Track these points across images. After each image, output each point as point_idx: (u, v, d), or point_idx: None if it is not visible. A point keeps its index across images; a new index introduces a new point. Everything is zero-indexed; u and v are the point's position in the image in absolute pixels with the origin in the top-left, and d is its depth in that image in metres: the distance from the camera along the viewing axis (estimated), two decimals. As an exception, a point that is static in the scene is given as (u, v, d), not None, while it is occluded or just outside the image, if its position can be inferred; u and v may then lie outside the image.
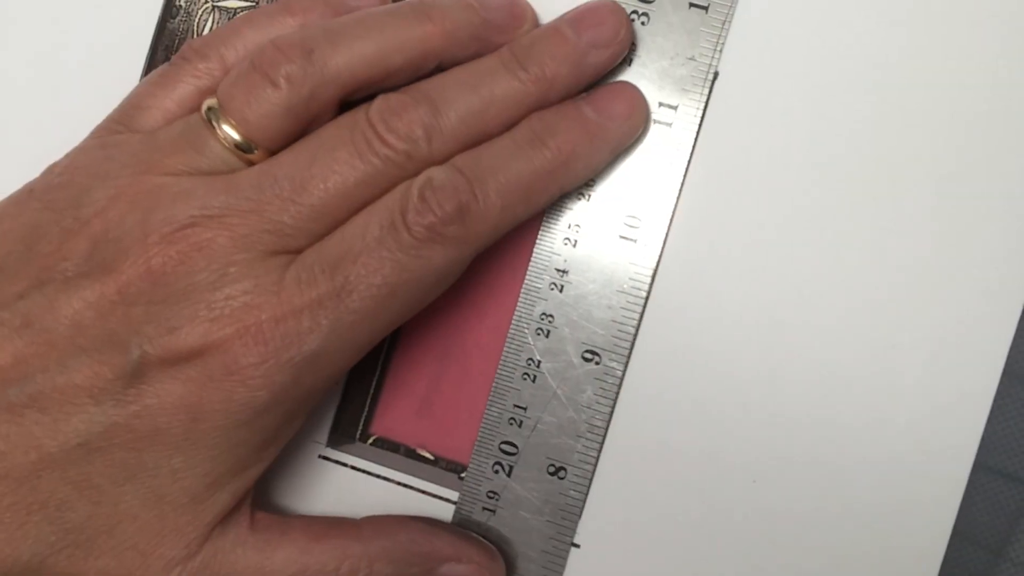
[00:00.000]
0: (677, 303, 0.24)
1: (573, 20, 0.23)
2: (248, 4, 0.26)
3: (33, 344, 0.20)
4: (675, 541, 0.24)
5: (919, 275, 0.23)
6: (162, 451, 0.20)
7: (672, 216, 0.24)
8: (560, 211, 0.24)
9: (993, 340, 0.23)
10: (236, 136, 0.21)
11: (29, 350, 0.20)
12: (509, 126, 0.22)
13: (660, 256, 0.24)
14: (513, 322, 0.24)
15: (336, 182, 0.21)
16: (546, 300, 0.24)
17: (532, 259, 0.24)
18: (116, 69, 0.26)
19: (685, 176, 0.24)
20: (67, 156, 0.22)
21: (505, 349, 0.24)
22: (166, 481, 0.20)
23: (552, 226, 0.24)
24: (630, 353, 0.24)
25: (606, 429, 0.24)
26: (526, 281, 0.24)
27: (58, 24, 0.26)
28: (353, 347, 0.21)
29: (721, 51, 0.24)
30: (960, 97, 0.23)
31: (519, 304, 0.24)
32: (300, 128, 0.21)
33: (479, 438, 0.24)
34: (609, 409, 0.24)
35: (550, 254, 0.24)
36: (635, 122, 0.23)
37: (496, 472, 0.24)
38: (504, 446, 0.24)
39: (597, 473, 0.24)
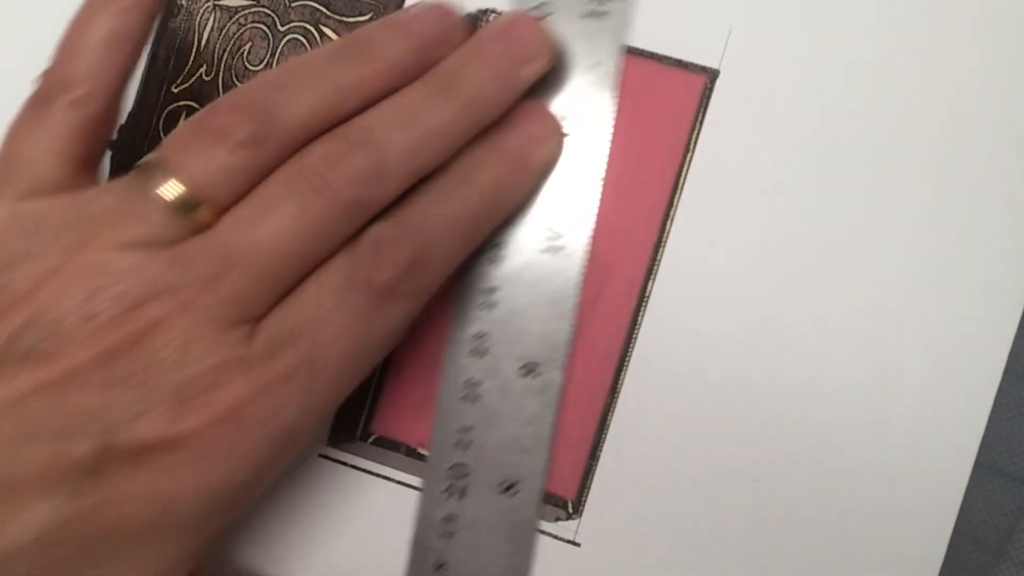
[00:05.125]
0: (676, 303, 0.24)
1: (496, 37, 0.22)
2: (249, 3, 0.26)
3: None
4: (675, 541, 0.24)
5: (919, 274, 0.23)
6: (124, 541, 0.19)
7: (594, 223, 0.24)
8: None
9: (994, 339, 0.23)
10: (185, 197, 0.20)
11: None
12: (448, 155, 0.22)
13: (585, 263, 0.24)
14: (447, 346, 0.24)
15: (288, 241, 0.19)
16: (478, 320, 0.24)
17: (459, 281, 0.24)
18: (117, 68, 0.26)
19: (604, 183, 0.24)
20: None
21: (443, 373, 0.24)
22: (125, 569, 0.19)
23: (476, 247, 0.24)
24: (567, 362, 0.24)
25: (552, 441, 0.24)
26: (455, 303, 0.24)
27: (58, 24, 0.26)
28: (327, 411, 0.21)
29: (620, 54, 0.24)
30: (960, 96, 0.24)
31: (451, 327, 0.24)
32: (254, 185, 0.20)
33: (428, 465, 0.24)
34: (552, 421, 0.24)
35: (476, 275, 0.24)
36: (555, 143, 0.23)
37: (449, 497, 0.24)
38: (454, 469, 0.24)
39: (597, 472, 0.24)
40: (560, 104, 0.24)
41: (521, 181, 0.23)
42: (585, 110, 0.24)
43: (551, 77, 0.24)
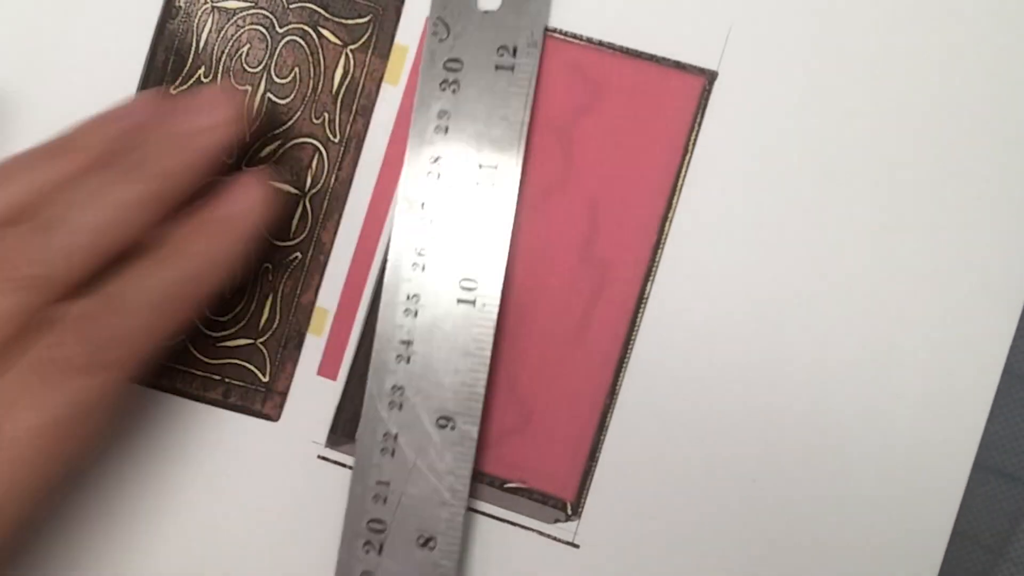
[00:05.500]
0: (675, 305, 0.24)
1: (181, 110, 0.23)
2: (247, 4, 0.26)
3: None
4: (674, 541, 0.24)
5: (919, 275, 0.23)
6: None
7: (506, 271, 0.24)
8: (398, 283, 0.24)
9: (993, 339, 0.23)
10: None
11: None
12: (143, 229, 0.22)
13: (500, 313, 0.24)
14: (365, 399, 0.24)
15: None
16: (395, 373, 0.24)
17: (376, 335, 0.24)
18: (115, 70, 0.26)
19: (515, 230, 0.24)
20: None
21: (360, 427, 0.24)
22: None
23: (392, 299, 0.24)
24: (483, 414, 0.24)
25: (469, 493, 0.24)
26: (372, 356, 0.24)
27: (57, 24, 0.26)
28: (36, 492, 0.21)
29: (529, 107, 0.24)
30: (960, 97, 0.23)
31: (369, 380, 0.24)
32: None
33: (346, 519, 0.24)
34: (469, 473, 0.24)
35: (392, 327, 0.24)
36: (260, 210, 0.23)
37: (367, 552, 0.24)
38: (372, 524, 0.24)
39: (597, 474, 0.24)
40: (469, 157, 0.24)
41: (226, 250, 0.23)
42: (495, 162, 0.24)
43: (461, 129, 0.24)
